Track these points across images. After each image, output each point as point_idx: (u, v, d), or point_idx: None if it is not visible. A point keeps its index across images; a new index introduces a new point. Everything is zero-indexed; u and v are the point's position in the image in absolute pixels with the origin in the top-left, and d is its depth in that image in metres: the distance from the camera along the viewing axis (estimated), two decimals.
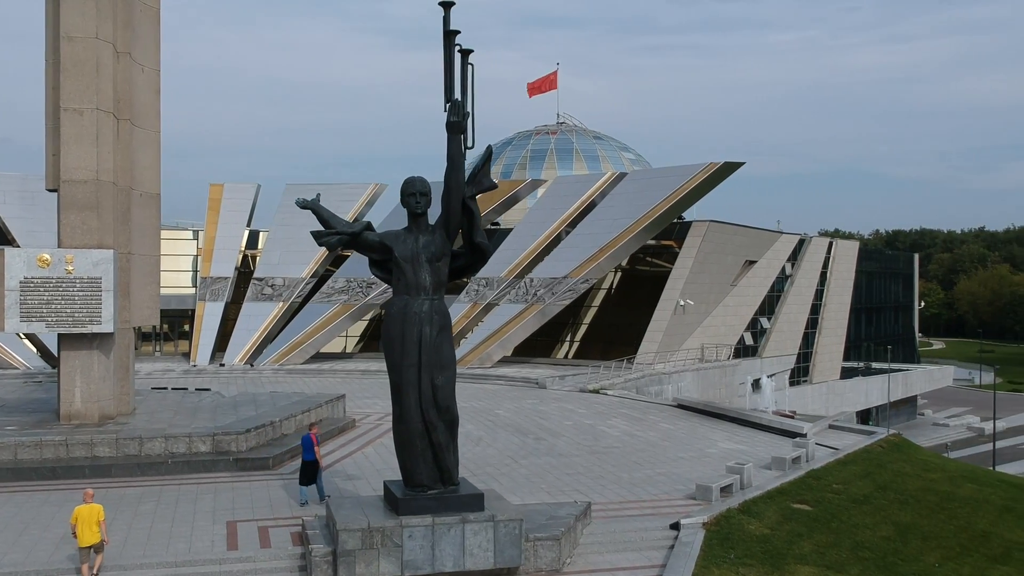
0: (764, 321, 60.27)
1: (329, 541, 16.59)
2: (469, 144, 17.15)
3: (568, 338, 58.12)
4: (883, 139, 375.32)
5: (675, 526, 19.44)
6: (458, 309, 50.64)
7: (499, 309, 50.08)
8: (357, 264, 53.43)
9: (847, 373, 72.39)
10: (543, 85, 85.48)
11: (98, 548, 15.66)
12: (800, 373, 64.86)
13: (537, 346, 54.26)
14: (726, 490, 22.19)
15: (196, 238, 58.73)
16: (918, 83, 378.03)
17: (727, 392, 51.22)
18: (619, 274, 58.50)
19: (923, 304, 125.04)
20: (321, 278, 54.81)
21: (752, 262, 57.76)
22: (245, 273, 57.75)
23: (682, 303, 49.96)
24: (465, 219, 17.17)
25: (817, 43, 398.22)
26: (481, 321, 50.46)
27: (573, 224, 52.99)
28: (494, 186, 17.65)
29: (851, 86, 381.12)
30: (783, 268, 61.94)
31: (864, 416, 71.32)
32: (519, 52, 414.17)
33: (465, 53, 17.13)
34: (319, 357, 52.14)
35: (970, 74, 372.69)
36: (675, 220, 52.57)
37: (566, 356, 57.00)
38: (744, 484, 22.83)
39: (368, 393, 40.46)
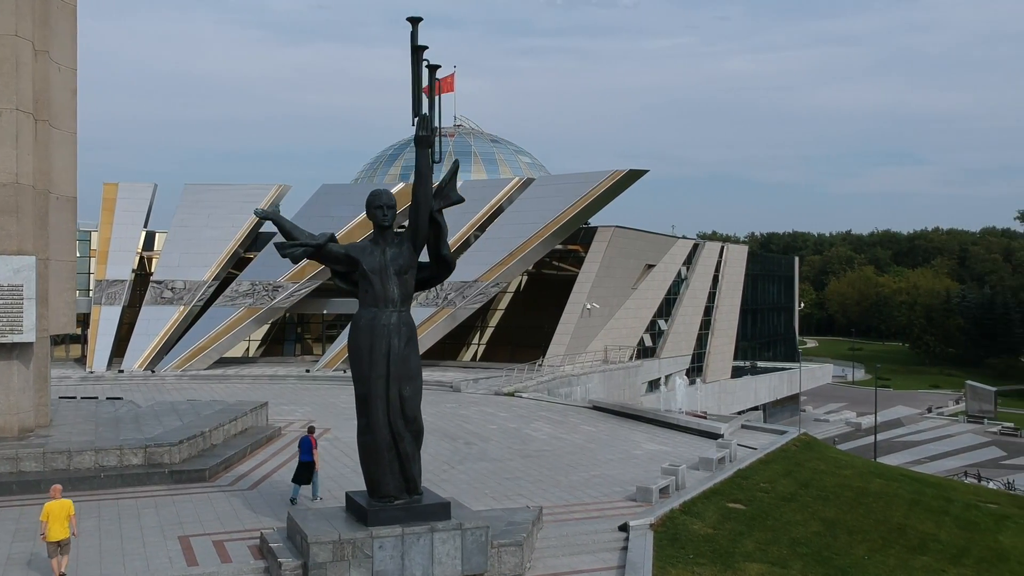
0: (662, 323, 62.17)
1: (296, 554, 16.54)
2: (436, 158, 17.38)
3: (475, 341, 58.55)
4: (754, 144, 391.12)
5: (623, 528, 20.13)
6: None
7: (413, 311, 50.00)
8: (262, 267, 52.51)
9: (736, 372, 75.31)
10: (439, 87, 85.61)
11: (65, 547, 15.49)
12: (694, 373, 67.14)
13: (445, 349, 54.45)
14: (664, 491, 23.04)
15: (89, 239, 56.48)
16: (785, 91, 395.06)
17: (631, 392, 52.67)
18: (525, 277, 59.33)
19: (803, 305, 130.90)
20: (223, 281, 53.56)
21: (651, 266, 59.50)
22: (142, 276, 55.90)
23: (588, 306, 51.11)
24: (432, 232, 17.41)
25: (691, 50, 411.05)
26: None
27: (482, 228, 53.46)
28: (461, 199, 17.96)
29: (723, 92, 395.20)
30: (679, 272, 64.02)
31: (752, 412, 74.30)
32: (402, 49, 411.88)
33: (432, 69, 17.35)
34: (223, 362, 50.97)
35: (832, 84, 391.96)
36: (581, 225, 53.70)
37: (474, 359, 57.41)
38: (679, 485, 23.77)
39: (283, 400, 39.90)
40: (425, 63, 17.28)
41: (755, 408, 75.28)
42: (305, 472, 21.20)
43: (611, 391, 49.87)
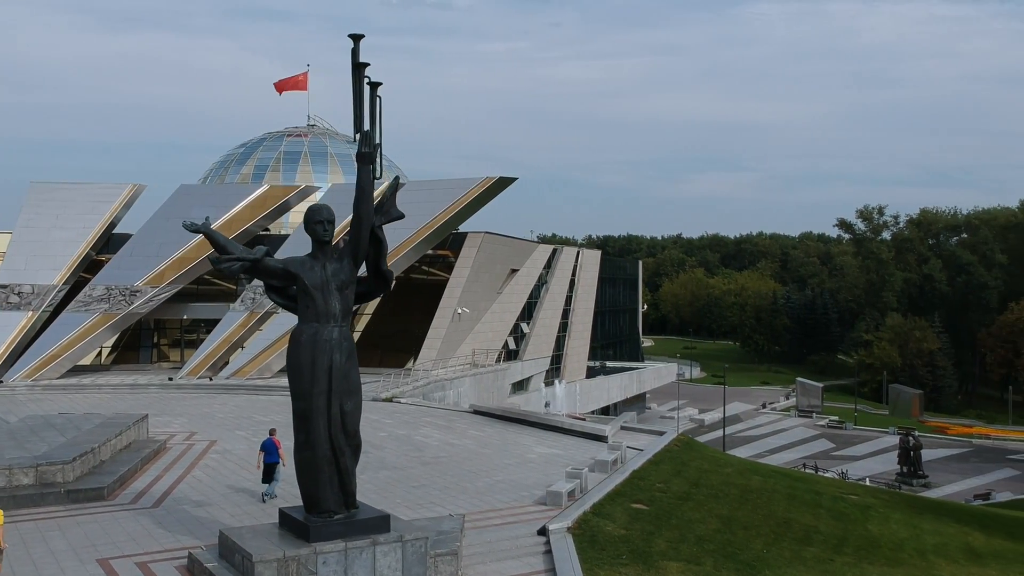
0: (524, 326, 63.48)
1: (236, 574, 16.35)
2: (377, 174, 17.53)
3: None
4: (586, 149, 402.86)
5: (542, 532, 20.85)
6: (234, 318, 49.15)
7: (279, 318, 49.11)
8: (117, 270, 50.23)
9: (590, 373, 77.73)
10: (292, 84, 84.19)
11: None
12: (553, 374, 68.89)
13: None
14: (571, 495, 23.94)
15: None
16: (614, 97, 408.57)
17: (499, 395, 53.61)
18: (393, 282, 59.15)
19: (646, 307, 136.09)
20: (75, 285, 50.81)
21: (515, 271, 60.69)
22: None
23: (459, 311, 51.67)
24: (373, 248, 17.57)
25: (525, 55, 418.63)
26: (259, 330, 49.24)
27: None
28: (402, 215, 18.17)
29: (556, 97, 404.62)
30: (540, 276, 65.56)
31: (603, 412, 76.95)
32: (232, 42, 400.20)
33: (374, 86, 17.49)
34: (76, 371, 48.38)
35: (659, 92, 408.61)
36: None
37: None
38: (583, 488, 24.72)
39: (153, 410, 38.26)
40: (366, 80, 17.38)
41: (606, 407, 78.10)
42: (271, 472, 22.57)
43: (481, 394, 50.62)
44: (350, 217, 54.09)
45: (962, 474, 71.07)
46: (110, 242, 53.20)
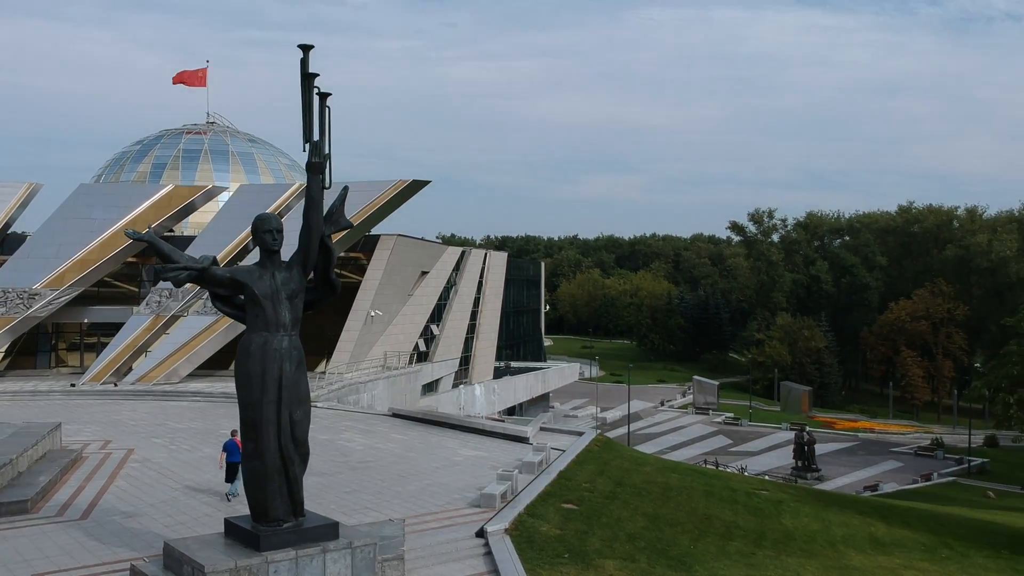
0: (434, 328, 63.68)
1: None
2: (327, 184, 17.65)
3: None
4: (482, 149, 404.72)
5: (480, 534, 21.29)
6: (138, 322, 47.88)
7: (186, 321, 48.14)
8: (14, 272, 48.32)
9: (496, 373, 78.37)
10: (191, 80, 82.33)
11: None
12: (462, 375, 69.29)
13: (216, 358, 52.63)
14: (503, 496, 24.44)
15: None
16: (509, 98, 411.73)
17: (411, 397, 53.72)
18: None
19: (548, 308, 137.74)
20: None
21: (426, 273, 60.86)
22: None
23: (372, 313, 51.57)
24: (322, 257, 17.68)
25: (420, 54, 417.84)
26: (166, 334, 48.09)
27: None
28: (351, 225, 18.35)
29: (453, 97, 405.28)
30: (449, 278, 65.88)
31: (509, 412, 77.81)
32: (113, 32, 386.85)
33: (323, 96, 17.59)
34: None
35: (551, 93, 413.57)
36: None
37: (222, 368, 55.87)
38: (513, 490, 25.26)
39: (61, 418, 36.99)
40: (316, 90, 17.46)
41: (512, 408, 78.96)
42: (234, 471, 22.82)
43: (395, 396, 50.68)
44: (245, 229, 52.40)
45: (851, 467, 74.63)
46: (5, 243, 51.08)
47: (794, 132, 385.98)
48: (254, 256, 50.98)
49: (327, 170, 17.64)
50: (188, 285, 49.66)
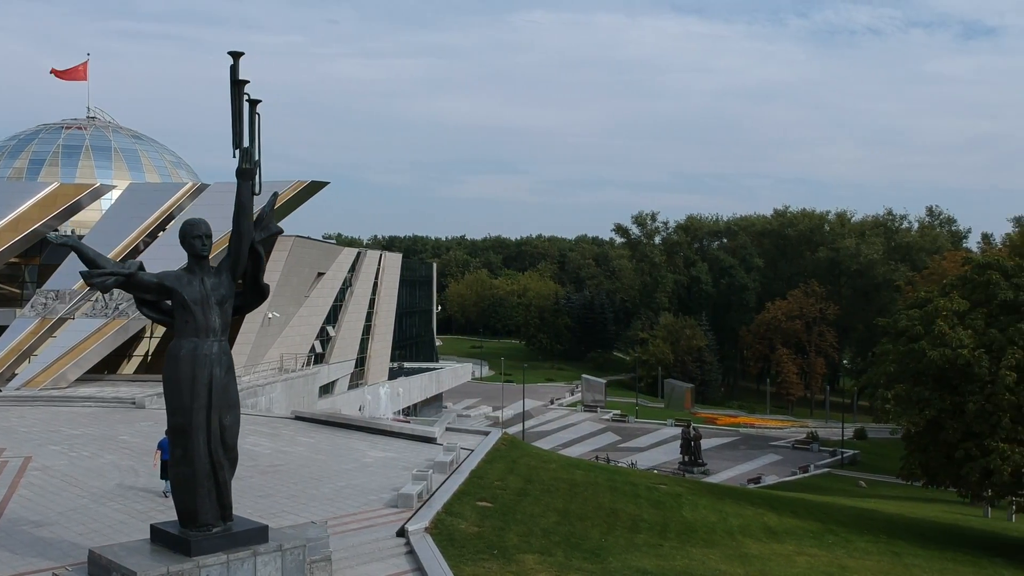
0: (330, 329, 63.34)
1: None
2: (256, 190, 17.79)
3: (137, 352, 55.48)
4: (367, 148, 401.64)
5: (401, 533, 21.73)
6: (23, 325, 46.10)
7: (74, 324, 46.57)
8: None
9: (391, 374, 78.39)
10: (71, 74, 79.45)
11: None
12: (357, 377, 69.09)
13: (105, 361, 51.11)
14: (419, 496, 24.90)
15: None
16: (394, 97, 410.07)
17: (309, 399, 53.37)
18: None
19: (440, 308, 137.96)
20: None
21: (322, 274, 60.50)
22: None
23: (269, 315, 51.03)
24: (252, 262, 17.82)
25: (302, 50, 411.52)
26: (53, 337, 46.43)
27: (153, 235, 51.07)
28: (281, 231, 18.53)
29: (336, 95, 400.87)
30: (345, 279, 65.63)
31: (404, 413, 77.89)
32: None
33: (253, 103, 17.74)
34: None
35: (437, 93, 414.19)
36: None
37: (136, 371, 54.42)
38: (429, 489, 25.75)
39: None
40: (246, 97, 17.59)
41: (406, 408, 79.06)
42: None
43: (293, 399, 50.28)
44: (151, 217, 51.88)
45: (734, 460, 77.85)
46: None
47: (673, 136, 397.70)
48: (146, 258, 49.81)
49: (257, 176, 17.79)
50: (76, 285, 48.27)
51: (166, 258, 48.73)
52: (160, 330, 56.27)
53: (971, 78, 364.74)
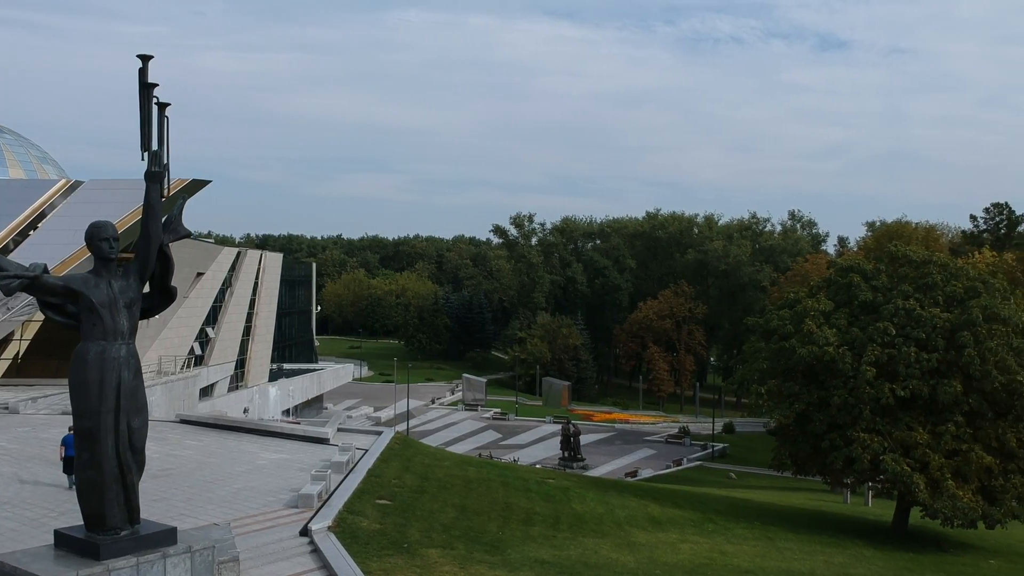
0: (210, 330, 62.12)
1: None
2: (165, 193, 17.82)
3: (5, 355, 53.06)
4: (236, 143, 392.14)
5: (304, 533, 22.03)
6: None
7: None
8: None
9: (271, 376, 77.30)
10: None
11: None
12: (238, 378, 67.92)
13: None
14: (320, 496, 25.18)
15: None
16: (264, 92, 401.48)
17: (190, 402, 52.30)
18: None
19: (319, 308, 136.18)
20: None
21: (201, 274, 59.31)
22: None
23: None
24: (160, 265, 17.84)
25: (166, 41, 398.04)
26: None
27: (24, 234, 49.07)
28: (189, 234, 18.57)
29: (203, 88, 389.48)
30: (225, 279, 64.46)
31: (284, 414, 76.96)
32: None
33: (162, 106, 17.78)
34: None
35: (309, 89, 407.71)
36: None
37: (4, 375, 52.06)
38: (327, 489, 26.05)
39: None
40: (155, 100, 17.61)
41: (287, 410, 78.14)
42: (71, 464, 22.94)
43: (173, 402, 49.21)
44: (21, 216, 50.09)
45: (611, 455, 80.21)
46: None
47: (547, 138, 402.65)
48: (19, 257, 47.86)
49: (166, 179, 17.82)
50: None
51: (40, 258, 47.04)
52: (31, 332, 54.09)
53: (825, 88, 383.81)
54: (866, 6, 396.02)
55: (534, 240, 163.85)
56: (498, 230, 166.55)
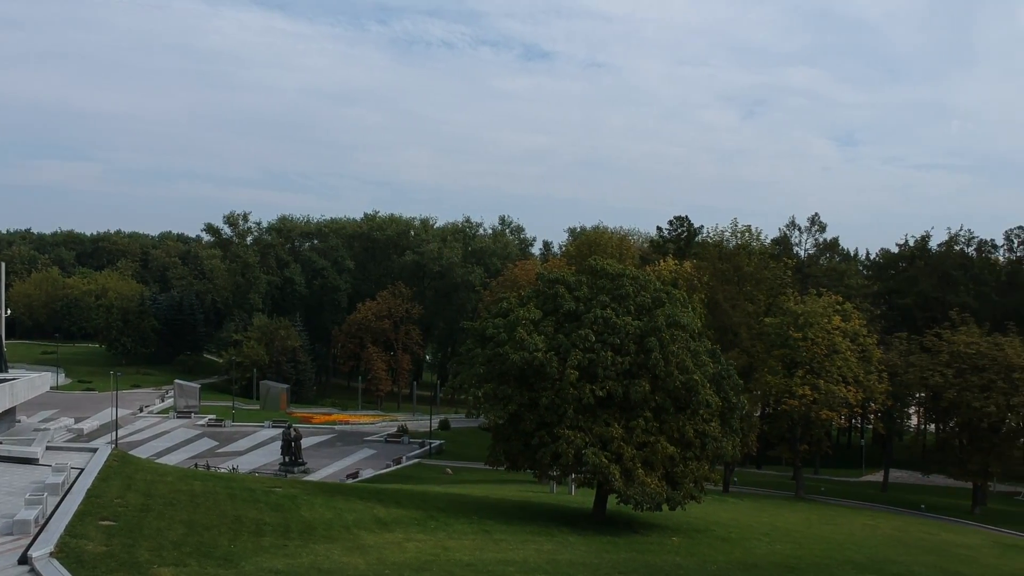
0: None
1: None
2: None
3: None
4: None
5: (24, 560, 21.42)
6: None
7: None
8: None
9: None
10: None
11: None
12: None
13: None
14: (36, 521, 24.34)
15: None
16: None
17: None
18: None
19: (9, 311, 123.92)
20: None
21: None
22: None
23: None
24: None
25: None
26: None
27: None
28: None
29: None
30: None
31: None
32: None
33: None
34: None
35: None
36: None
37: None
38: (44, 513, 25.20)
39: None
40: None
41: None
42: None
43: None
44: None
45: (332, 457, 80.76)
46: None
47: (260, 132, 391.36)
48: None
49: None
50: None
51: None
52: None
53: (530, 96, 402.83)
54: (566, 20, 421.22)
55: (250, 239, 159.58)
56: (211, 228, 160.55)
